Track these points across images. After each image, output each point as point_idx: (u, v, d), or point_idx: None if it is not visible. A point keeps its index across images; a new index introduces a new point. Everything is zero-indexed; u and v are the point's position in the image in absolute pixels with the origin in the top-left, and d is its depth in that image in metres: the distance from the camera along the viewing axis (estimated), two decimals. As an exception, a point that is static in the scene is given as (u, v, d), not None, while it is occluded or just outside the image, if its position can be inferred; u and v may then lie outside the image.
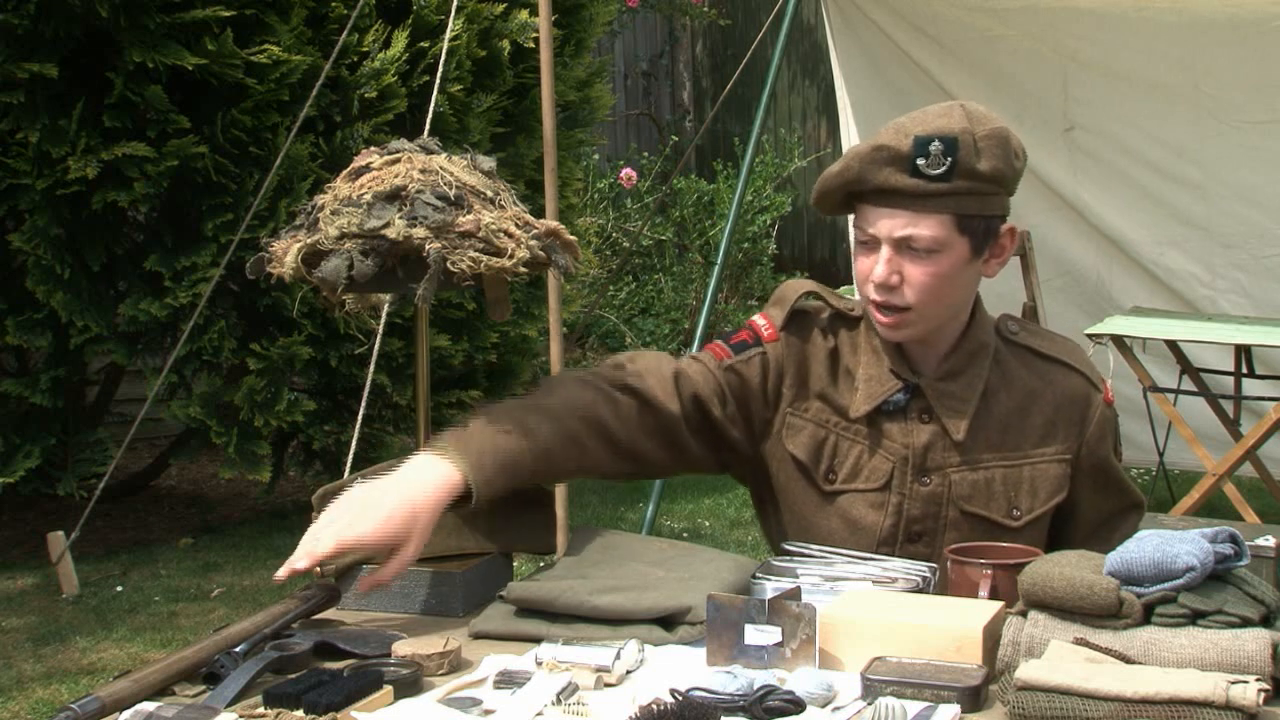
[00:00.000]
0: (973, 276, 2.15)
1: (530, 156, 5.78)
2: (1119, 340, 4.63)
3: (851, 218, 2.17)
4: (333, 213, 2.14)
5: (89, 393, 5.89)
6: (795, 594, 1.94)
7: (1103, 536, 2.19)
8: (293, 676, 1.81)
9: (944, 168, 2.04)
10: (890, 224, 2.08)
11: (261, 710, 1.73)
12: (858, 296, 2.24)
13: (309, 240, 2.14)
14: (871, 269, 2.10)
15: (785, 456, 2.22)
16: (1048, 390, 2.19)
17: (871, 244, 2.11)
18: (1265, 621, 1.78)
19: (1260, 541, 3.59)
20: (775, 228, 8.68)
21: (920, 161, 2.04)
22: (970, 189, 2.07)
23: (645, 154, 8.89)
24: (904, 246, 2.09)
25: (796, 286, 2.26)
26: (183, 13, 4.92)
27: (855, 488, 2.18)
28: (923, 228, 2.07)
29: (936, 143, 2.04)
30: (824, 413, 2.20)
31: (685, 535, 5.52)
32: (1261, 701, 1.62)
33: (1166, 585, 1.76)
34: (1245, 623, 1.75)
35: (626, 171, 8.36)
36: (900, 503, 2.17)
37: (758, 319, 2.24)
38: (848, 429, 2.19)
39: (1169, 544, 1.79)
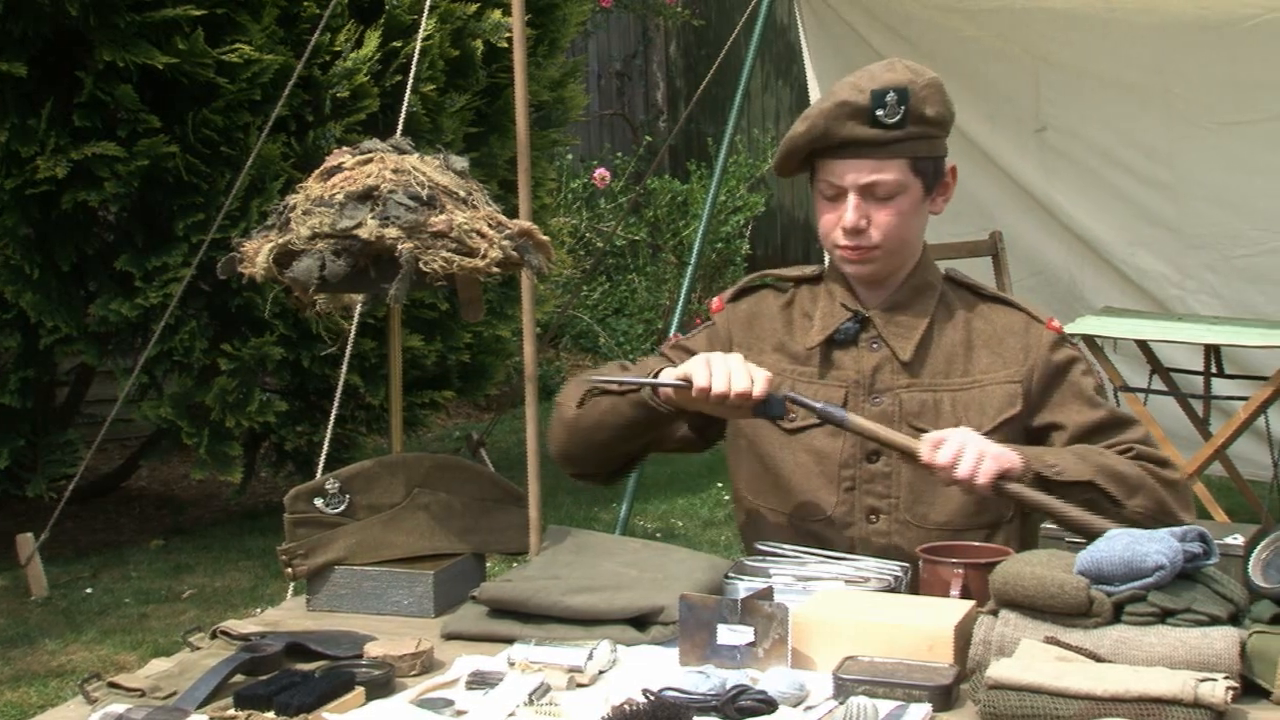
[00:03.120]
0: (924, 214, 2.32)
1: (504, 156, 5.77)
2: (1090, 340, 4.65)
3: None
4: (305, 213, 2.13)
5: (59, 393, 5.85)
6: (768, 594, 1.94)
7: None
8: (264, 678, 1.80)
9: (899, 116, 2.23)
10: (856, 173, 2.25)
11: (232, 712, 1.72)
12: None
13: (281, 240, 2.14)
14: (839, 218, 2.27)
15: None
16: (990, 327, 2.31)
17: (837, 195, 2.27)
18: (1233, 620, 1.79)
19: (1229, 540, 3.62)
20: (749, 228, 8.68)
21: (879, 112, 2.22)
22: (921, 134, 2.26)
23: (619, 154, 8.89)
24: (868, 193, 2.26)
25: (754, 275, 2.46)
26: (153, 12, 4.90)
27: (813, 422, 2.27)
28: (885, 173, 2.25)
29: (891, 94, 2.22)
30: (780, 362, 2.32)
31: (659, 535, 5.52)
32: (1230, 699, 1.64)
33: (1136, 584, 1.78)
34: (1214, 621, 1.76)
35: (600, 172, 8.35)
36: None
37: (712, 301, 2.43)
38: (802, 373, 2.31)
39: (1139, 543, 1.80)
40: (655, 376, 2.18)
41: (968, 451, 2.08)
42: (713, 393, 2.11)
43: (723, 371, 2.11)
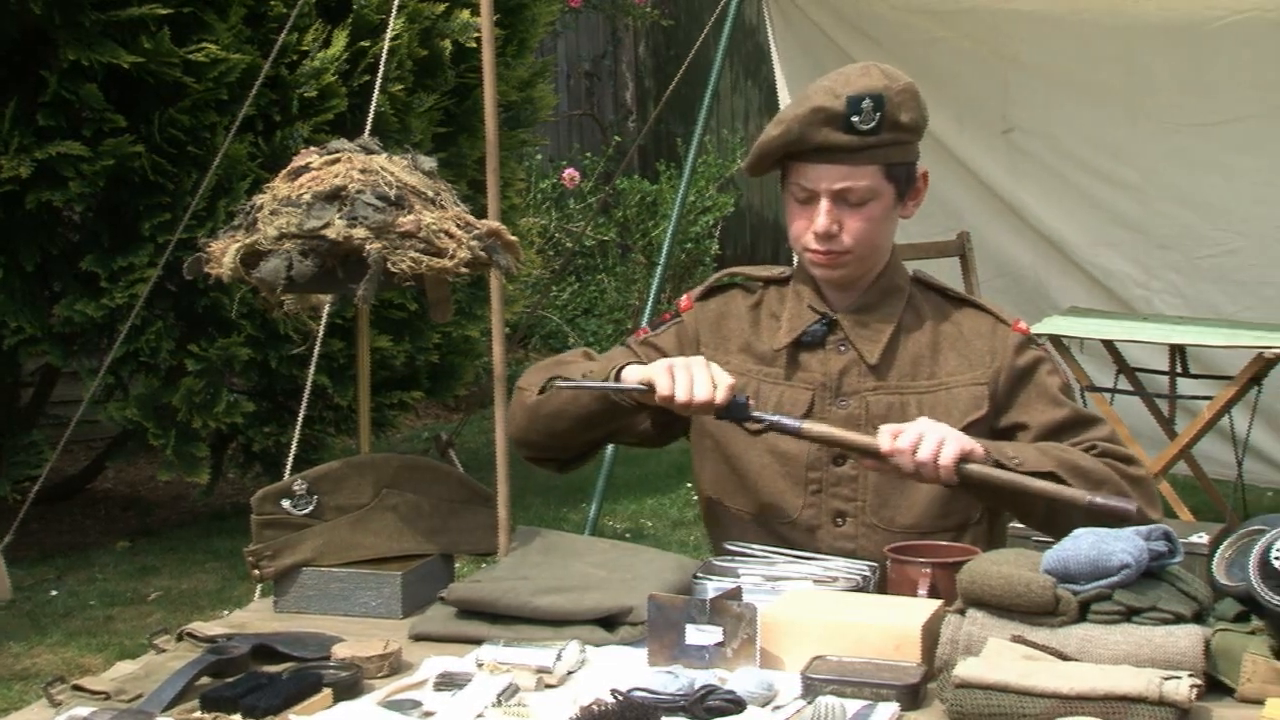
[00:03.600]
0: (895, 219, 2.32)
1: (472, 157, 5.76)
2: (1057, 340, 4.68)
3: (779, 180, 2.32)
4: (272, 213, 2.12)
5: (23, 394, 5.81)
6: (736, 594, 1.95)
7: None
8: (230, 680, 1.79)
9: (874, 122, 2.21)
10: (830, 177, 2.24)
11: (199, 714, 1.71)
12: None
13: (247, 240, 2.13)
14: (810, 222, 2.26)
15: None
16: (957, 330, 2.32)
17: (809, 199, 2.26)
18: (1198, 618, 1.81)
19: (1194, 539, 3.65)
20: (718, 228, 8.69)
21: (854, 119, 2.20)
22: (894, 140, 2.25)
23: (588, 154, 8.88)
24: (841, 198, 2.25)
25: (722, 272, 2.46)
26: (119, 10, 4.87)
27: None
28: (858, 179, 2.24)
29: (867, 100, 2.21)
30: (747, 363, 2.32)
31: (628, 536, 5.52)
32: (1194, 697, 1.65)
33: (1102, 583, 1.79)
34: (1178, 619, 1.78)
35: (569, 172, 8.34)
36: None
37: (681, 299, 2.42)
38: (768, 375, 2.31)
39: (1104, 541, 1.81)
40: (619, 374, 2.18)
41: (928, 436, 2.09)
42: (675, 401, 2.12)
43: (685, 378, 2.11)
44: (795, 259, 2.40)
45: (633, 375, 2.17)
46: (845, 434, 2.15)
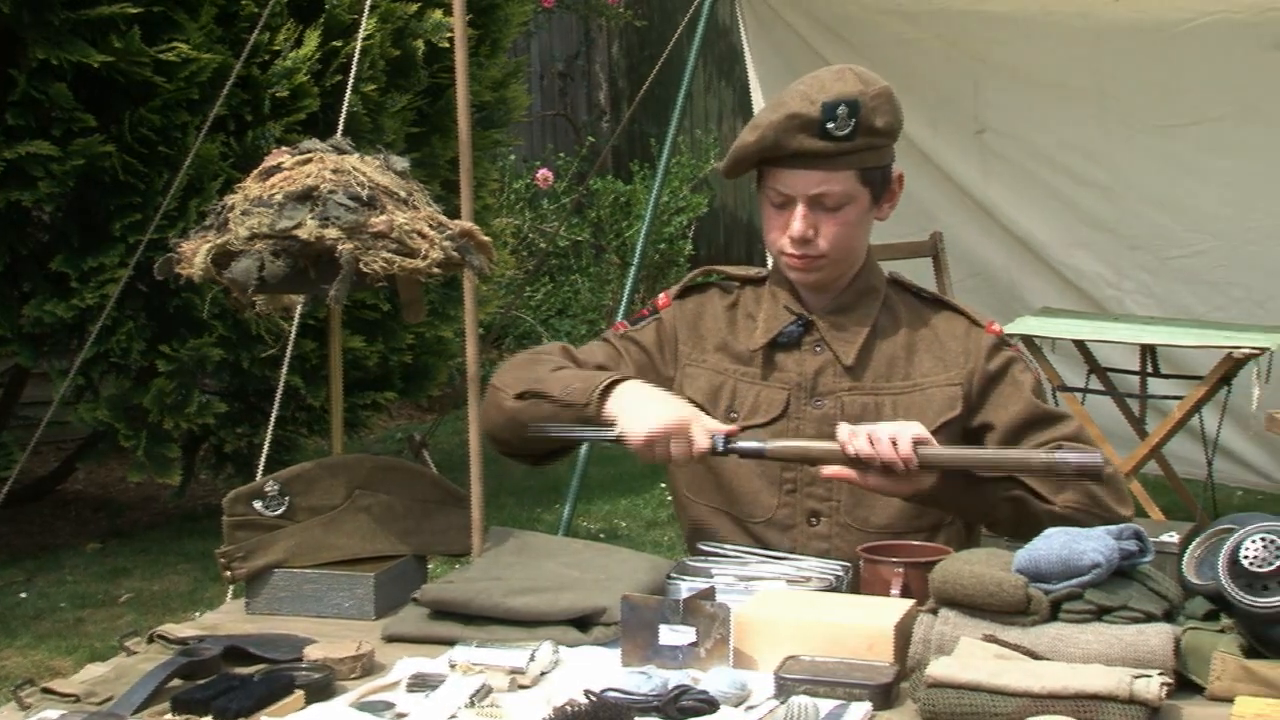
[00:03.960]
0: (870, 222, 2.34)
1: (445, 157, 5.75)
2: (1029, 340, 4.71)
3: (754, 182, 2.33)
4: (243, 213, 2.12)
5: (-7, 395, 5.77)
6: (710, 594, 1.95)
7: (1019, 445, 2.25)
8: (202, 682, 1.79)
9: (850, 128, 2.22)
10: (805, 183, 2.24)
11: (169, 717, 1.71)
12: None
13: (219, 241, 2.12)
14: (786, 226, 2.26)
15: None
16: (932, 332, 2.33)
17: (785, 203, 2.27)
18: (1168, 617, 1.82)
19: (1164, 538, 3.67)
20: (692, 228, 8.70)
21: (830, 125, 2.21)
22: (870, 144, 2.26)
23: (562, 155, 8.87)
24: (817, 203, 2.25)
25: (699, 270, 2.47)
26: (89, 9, 4.84)
27: (755, 423, 2.28)
28: (834, 184, 2.24)
29: (843, 106, 2.21)
30: (722, 361, 2.33)
31: (602, 536, 5.52)
32: (1164, 695, 1.66)
33: (1073, 582, 1.80)
34: (1149, 618, 1.79)
35: (543, 172, 8.33)
36: (797, 428, 2.26)
37: (659, 296, 2.42)
38: (745, 374, 2.31)
39: (1076, 541, 1.82)
40: (602, 388, 2.16)
41: (885, 425, 2.10)
42: (653, 454, 2.11)
43: (663, 452, 2.10)
44: (770, 260, 2.40)
45: (612, 409, 2.14)
46: (806, 445, 2.15)
